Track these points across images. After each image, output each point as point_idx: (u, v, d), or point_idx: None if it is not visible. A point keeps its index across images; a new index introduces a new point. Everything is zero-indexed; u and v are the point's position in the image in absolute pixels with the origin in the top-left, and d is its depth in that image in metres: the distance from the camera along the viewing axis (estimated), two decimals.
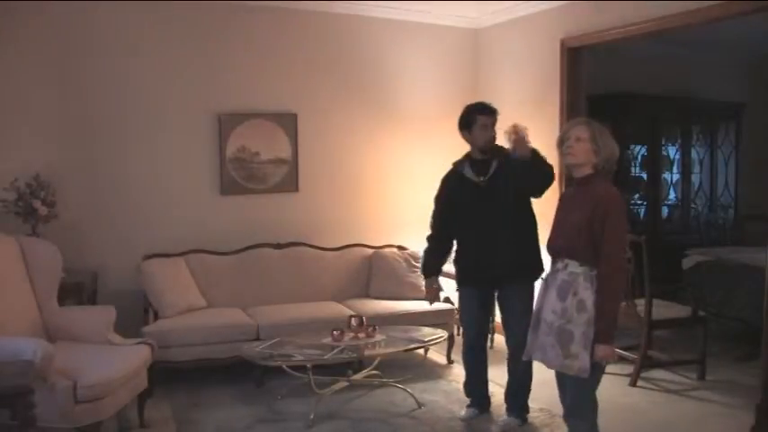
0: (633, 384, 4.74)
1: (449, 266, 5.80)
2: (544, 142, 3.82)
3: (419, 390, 4.53)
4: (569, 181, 3.94)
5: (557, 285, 3.01)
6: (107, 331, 3.99)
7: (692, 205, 7.69)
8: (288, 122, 5.65)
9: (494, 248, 3.90)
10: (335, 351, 4.18)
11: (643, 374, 4.81)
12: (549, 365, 3.04)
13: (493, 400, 4.24)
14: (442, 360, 5.26)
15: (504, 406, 4.10)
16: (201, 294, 5.07)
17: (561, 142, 3.06)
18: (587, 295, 2.90)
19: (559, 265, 3.04)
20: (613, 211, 2.92)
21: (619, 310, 3.04)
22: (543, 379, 3.72)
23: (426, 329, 4.70)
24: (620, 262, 2.95)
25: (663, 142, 7.48)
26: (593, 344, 2.87)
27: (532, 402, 4.10)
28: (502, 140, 3.78)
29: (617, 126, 6.99)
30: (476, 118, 3.94)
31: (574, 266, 2.96)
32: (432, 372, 5.04)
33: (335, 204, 5.87)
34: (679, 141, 7.62)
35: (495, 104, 4.03)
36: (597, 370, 2.97)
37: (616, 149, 3.03)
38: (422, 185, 6.02)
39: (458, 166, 4.09)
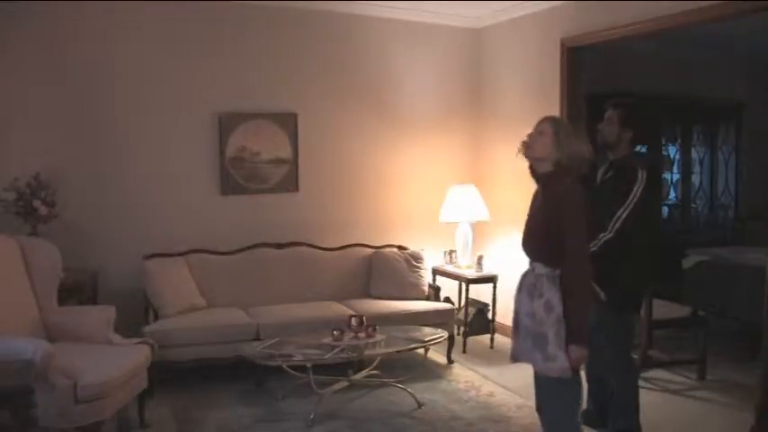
0: None
1: (450, 267, 5.86)
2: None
3: (419, 390, 4.53)
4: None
5: (526, 288, 2.99)
6: (107, 331, 3.99)
7: (692, 205, 7.69)
8: (288, 122, 5.65)
9: None
10: (335, 351, 4.18)
11: (643, 374, 4.81)
12: (534, 367, 2.99)
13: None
14: (442, 360, 5.26)
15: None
16: (201, 294, 5.07)
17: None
18: (552, 294, 2.84)
19: (530, 267, 3.02)
20: (569, 210, 2.82)
21: (589, 309, 2.91)
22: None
23: (426, 329, 4.71)
24: (582, 262, 2.84)
25: (663, 142, 7.47)
26: (568, 344, 2.80)
27: (530, 400, 4.04)
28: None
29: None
30: (606, 109, 3.75)
31: (539, 268, 2.93)
32: (432, 372, 5.04)
33: (335, 204, 5.87)
34: (679, 141, 7.62)
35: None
36: (574, 383, 2.89)
37: (584, 150, 2.91)
38: (422, 184, 6.05)
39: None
